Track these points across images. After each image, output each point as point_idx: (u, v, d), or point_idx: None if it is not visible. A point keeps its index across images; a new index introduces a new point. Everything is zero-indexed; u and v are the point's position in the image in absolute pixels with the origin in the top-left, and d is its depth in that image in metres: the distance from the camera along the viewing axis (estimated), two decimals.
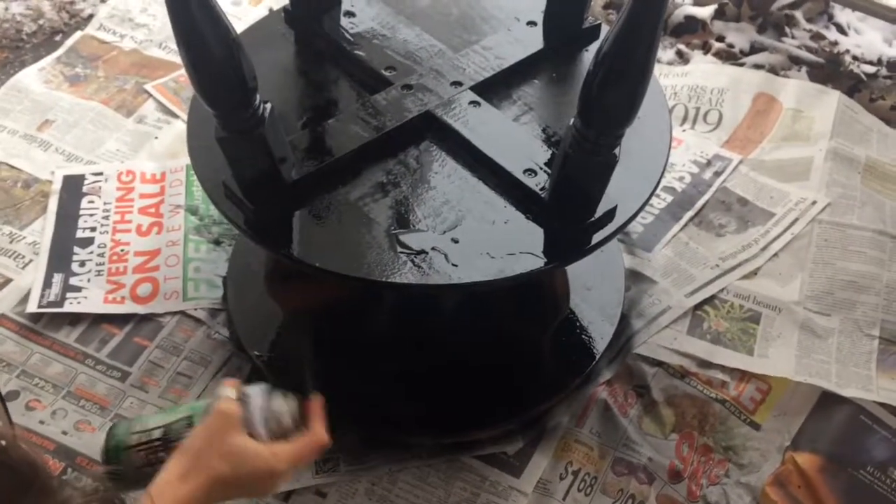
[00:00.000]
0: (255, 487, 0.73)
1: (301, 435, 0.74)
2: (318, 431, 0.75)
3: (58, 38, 1.56)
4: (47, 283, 1.15)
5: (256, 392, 0.75)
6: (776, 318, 1.16)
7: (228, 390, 0.74)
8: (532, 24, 1.07)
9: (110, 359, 1.09)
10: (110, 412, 1.04)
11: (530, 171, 0.89)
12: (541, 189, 0.87)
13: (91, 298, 1.14)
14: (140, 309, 1.14)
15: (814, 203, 1.28)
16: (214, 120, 0.80)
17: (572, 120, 0.79)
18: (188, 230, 1.23)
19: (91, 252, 1.19)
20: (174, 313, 1.14)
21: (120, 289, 1.16)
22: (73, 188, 1.28)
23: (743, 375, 1.10)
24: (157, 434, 0.74)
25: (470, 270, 0.83)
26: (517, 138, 0.94)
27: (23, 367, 1.08)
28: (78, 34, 1.56)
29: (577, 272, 1.16)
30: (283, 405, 0.75)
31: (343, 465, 1.00)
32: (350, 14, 1.07)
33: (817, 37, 1.62)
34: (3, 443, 0.52)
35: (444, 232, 0.86)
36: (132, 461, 0.74)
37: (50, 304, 1.13)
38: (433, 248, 0.84)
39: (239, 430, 0.71)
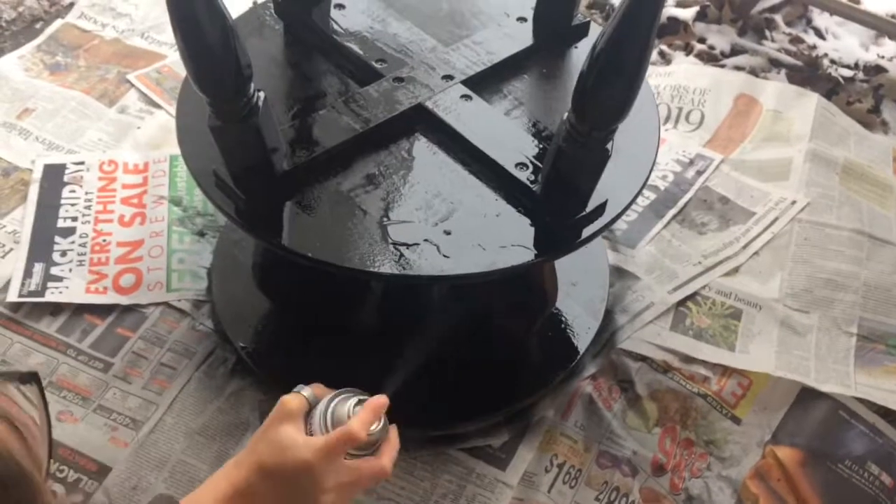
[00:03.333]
0: (297, 489, 0.70)
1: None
2: (353, 426, 0.71)
3: (38, 25, 1.54)
4: (28, 273, 1.14)
5: (330, 395, 0.76)
6: (757, 314, 1.18)
7: (305, 388, 0.76)
8: (522, 20, 1.07)
9: (92, 349, 1.08)
10: (92, 403, 1.03)
11: (522, 165, 0.90)
12: (532, 182, 0.88)
13: (73, 288, 1.13)
14: (123, 299, 1.12)
15: (793, 203, 1.30)
16: (207, 109, 0.79)
17: (566, 114, 0.80)
18: (172, 221, 1.22)
19: (73, 242, 1.18)
20: (158, 304, 1.13)
21: (102, 279, 1.14)
22: (54, 177, 1.26)
23: (724, 371, 1.12)
24: None
25: (462, 262, 0.83)
26: (508, 132, 0.94)
27: (2, 357, 1.06)
28: (58, 22, 1.54)
29: (563, 268, 1.16)
30: (345, 410, 0.74)
31: None
32: (340, 6, 1.07)
33: (796, 40, 1.65)
34: None
35: (436, 224, 0.86)
36: None
37: (30, 294, 1.11)
38: (425, 240, 0.85)
39: (292, 423, 0.71)
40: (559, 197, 0.86)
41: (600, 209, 0.88)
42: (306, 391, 0.76)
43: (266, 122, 0.81)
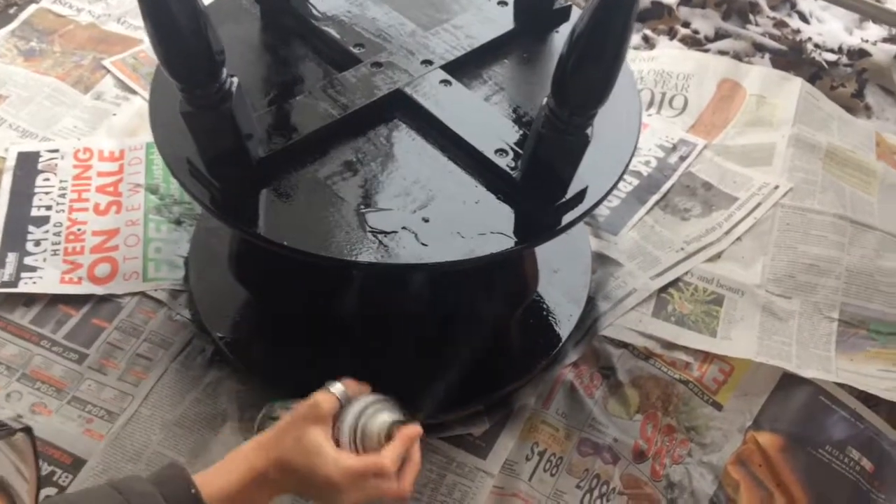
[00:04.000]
0: (315, 492, 0.71)
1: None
2: (386, 460, 0.71)
3: (12, 10, 1.51)
4: (0, 263, 1.11)
5: (362, 401, 0.74)
6: (739, 300, 1.18)
7: (337, 385, 0.75)
8: (503, 3, 1.06)
9: (67, 340, 1.06)
10: (67, 395, 1.01)
11: (501, 151, 0.88)
12: (512, 169, 0.87)
13: (47, 279, 1.11)
14: (98, 289, 1.11)
15: (776, 188, 1.30)
16: (179, 94, 0.78)
17: (545, 100, 0.79)
18: (148, 210, 1.20)
19: (47, 231, 1.16)
20: (134, 294, 1.11)
21: (77, 269, 1.12)
22: (28, 165, 1.24)
23: (706, 357, 1.11)
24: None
25: (440, 250, 0.82)
26: (488, 118, 0.93)
27: None
28: (33, 7, 1.51)
29: (545, 255, 1.16)
30: (377, 427, 0.73)
31: None
32: None
33: (780, 24, 1.65)
34: None
35: (415, 211, 0.85)
36: None
37: (4, 285, 1.09)
38: (403, 228, 0.83)
39: (321, 426, 0.71)
40: (539, 183, 0.85)
41: (581, 195, 0.87)
42: (338, 389, 0.75)
43: (240, 108, 0.79)
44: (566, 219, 0.86)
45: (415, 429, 0.75)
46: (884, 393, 1.07)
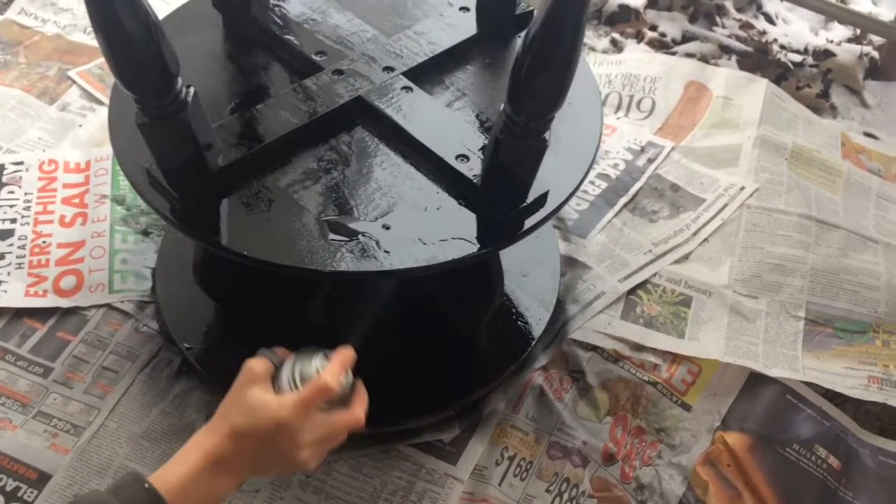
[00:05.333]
0: (274, 449, 0.70)
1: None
2: (325, 378, 0.72)
3: None
4: None
5: (293, 355, 0.76)
6: (706, 301, 1.18)
7: (267, 351, 0.76)
8: (465, 9, 1.06)
9: (32, 354, 1.05)
10: (32, 409, 1.00)
11: (463, 157, 0.89)
12: (473, 175, 0.87)
13: (11, 292, 1.10)
14: (63, 302, 1.10)
15: (742, 188, 1.31)
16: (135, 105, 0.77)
17: (502, 105, 0.79)
18: (115, 221, 1.20)
19: (11, 244, 1.15)
20: (100, 306, 1.10)
21: (42, 282, 1.11)
22: None
23: (674, 358, 1.12)
24: None
25: (402, 257, 0.82)
26: (450, 124, 0.93)
27: None
28: None
29: (513, 259, 1.16)
30: (313, 367, 0.74)
31: None
32: None
33: (746, 26, 1.66)
34: None
35: (376, 219, 0.85)
36: None
37: None
38: (364, 235, 0.83)
39: (259, 385, 0.71)
40: (500, 188, 0.85)
41: (542, 200, 0.87)
42: (268, 352, 0.76)
43: (197, 118, 0.79)
44: (528, 223, 0.87)
45: (348, 350, 0.76)
46: (849, 391, 1.08)
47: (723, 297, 1.18)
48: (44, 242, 1.16)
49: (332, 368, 0.74)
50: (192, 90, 0.78)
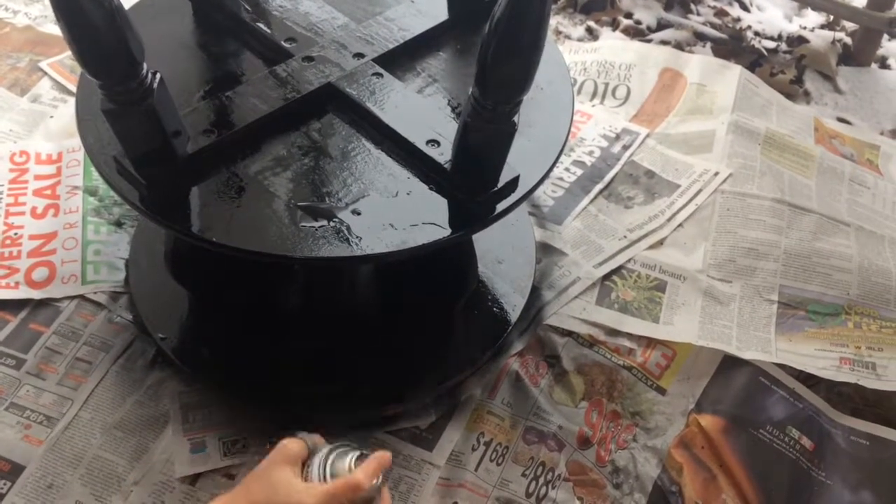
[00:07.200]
0: None
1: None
2: (359, 476, 0.70)
3: None
4: None
5: (328, 446, 0.74)
6: (681, 286, 1.19)
7: (305, 434, 0.74)
8: None
9: (4, 346, 1.04)
10: (4, 401, 1.00)
11: (433, 142, 0.89)
12: (444, 160, 0.87)
13: None
14: (35, 294, 1.09)
15: (716, 174, 1.32)
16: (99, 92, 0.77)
17: (470, 89, 0.79)
18: (87, 212, 1.19)
19: None
20: (72, 297, 1.10)
21: (13, 273, 1.10)
22: None
23: (649, 342, 1.13)
24: None
25: (373, 242, 0.82)
26: (421, 110, 0.93)
27: None
28: None
29: (489, 245, 1.16)
30: (346, 461, 0.73)
31: (252, 445, 0.99)
32: None
33: (721, 13, 1.67)
34: None
35: (347, 205, 0.85)
36: None
37: None
38: (335, 221, 0.83)
39: (291, 467, 0.70)
40: (470, 173, 0.85)
41: (513, 184, 0.87)
42: (305, 435, 0.75)
43: (163, 105, 0.78)
44: (499, 207, 0.87)
45: (387, 454, 0.74)
46: (821, 372, 1.09)
47: (697, 282, 1.19)
48: (15, 234, 1.15)
49: (367, 468, 0.72)
50: (158, 76, 0.78)
